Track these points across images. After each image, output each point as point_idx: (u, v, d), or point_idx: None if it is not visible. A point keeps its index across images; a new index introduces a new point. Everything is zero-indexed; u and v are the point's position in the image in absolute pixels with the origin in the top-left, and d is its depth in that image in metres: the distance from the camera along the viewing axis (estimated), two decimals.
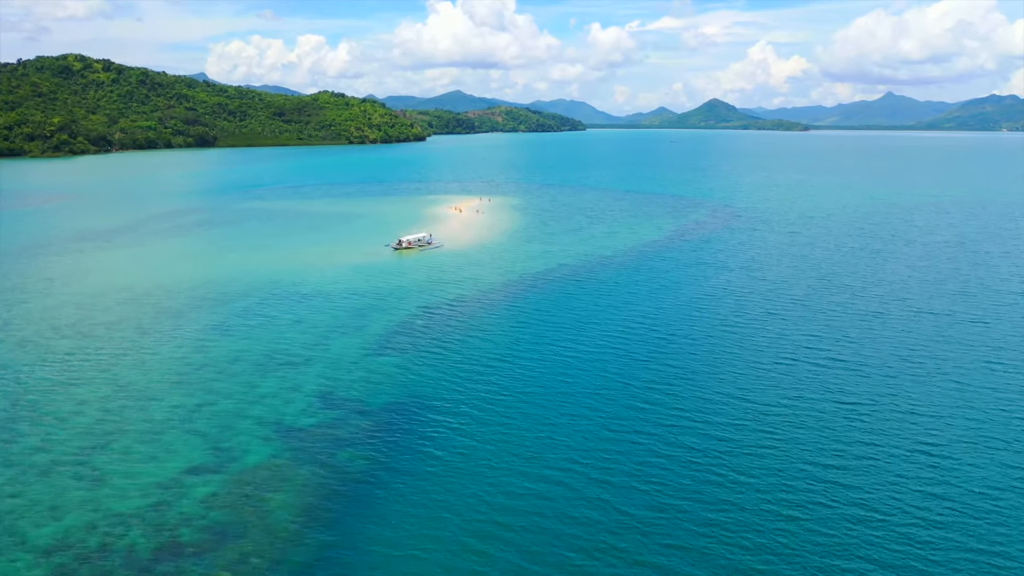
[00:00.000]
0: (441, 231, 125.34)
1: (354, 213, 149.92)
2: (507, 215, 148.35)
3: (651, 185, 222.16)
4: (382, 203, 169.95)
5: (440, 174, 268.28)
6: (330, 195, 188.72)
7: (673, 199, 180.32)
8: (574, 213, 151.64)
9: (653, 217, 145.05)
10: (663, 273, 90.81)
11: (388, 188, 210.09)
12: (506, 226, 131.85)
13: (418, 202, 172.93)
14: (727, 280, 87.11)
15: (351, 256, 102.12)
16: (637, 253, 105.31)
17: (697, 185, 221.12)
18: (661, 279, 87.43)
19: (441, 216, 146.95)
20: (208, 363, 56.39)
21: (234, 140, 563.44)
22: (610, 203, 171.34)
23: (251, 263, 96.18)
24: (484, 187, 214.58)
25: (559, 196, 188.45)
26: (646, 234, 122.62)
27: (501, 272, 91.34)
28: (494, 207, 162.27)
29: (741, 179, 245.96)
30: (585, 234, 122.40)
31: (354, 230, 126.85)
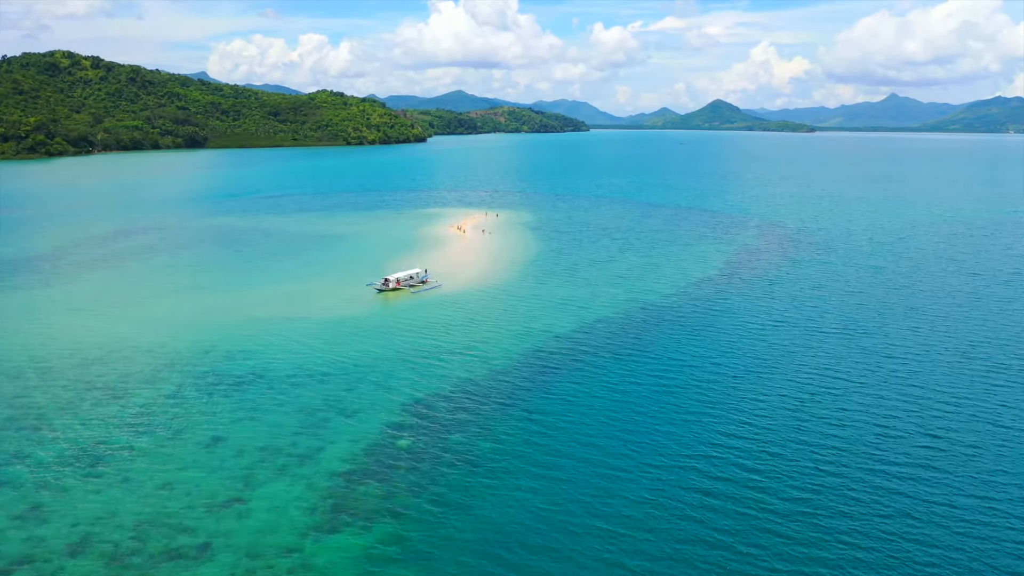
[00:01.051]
0: (439, 261, 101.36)
1: (335, 234, 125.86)
2: (517, 237, 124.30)
3: (676, 195, 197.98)
4: (371, 219, 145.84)
5: (439, 180, 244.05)
6: (312, 208, 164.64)
7: (708, 215, 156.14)
8: (597, 235, 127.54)
9: (693, 241, 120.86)
10: (734, 340, 66.60)
11: (380, 198, 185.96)
12: (517, 254, 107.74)
13: (413, 218, 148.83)
14: (826, 351, 62.94)
15: (320, 303, 78.12)
16: (689, 301, 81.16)
17: (727, 196, 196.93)
18: (734, 351, 63.27)
19: (440, 238, 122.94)
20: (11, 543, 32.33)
21: (225, 141, 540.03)
22: (635, 220, 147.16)
23: (182, 316, 72.12)
24: (488, 198, 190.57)
25: (574, 210, 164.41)
26: (692, 268, 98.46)
27: (517, 335, 67.24)
28: (501, 225, 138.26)
29: (772, 189, 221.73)
30: (616, 268, 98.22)
31: (330, 260, 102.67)
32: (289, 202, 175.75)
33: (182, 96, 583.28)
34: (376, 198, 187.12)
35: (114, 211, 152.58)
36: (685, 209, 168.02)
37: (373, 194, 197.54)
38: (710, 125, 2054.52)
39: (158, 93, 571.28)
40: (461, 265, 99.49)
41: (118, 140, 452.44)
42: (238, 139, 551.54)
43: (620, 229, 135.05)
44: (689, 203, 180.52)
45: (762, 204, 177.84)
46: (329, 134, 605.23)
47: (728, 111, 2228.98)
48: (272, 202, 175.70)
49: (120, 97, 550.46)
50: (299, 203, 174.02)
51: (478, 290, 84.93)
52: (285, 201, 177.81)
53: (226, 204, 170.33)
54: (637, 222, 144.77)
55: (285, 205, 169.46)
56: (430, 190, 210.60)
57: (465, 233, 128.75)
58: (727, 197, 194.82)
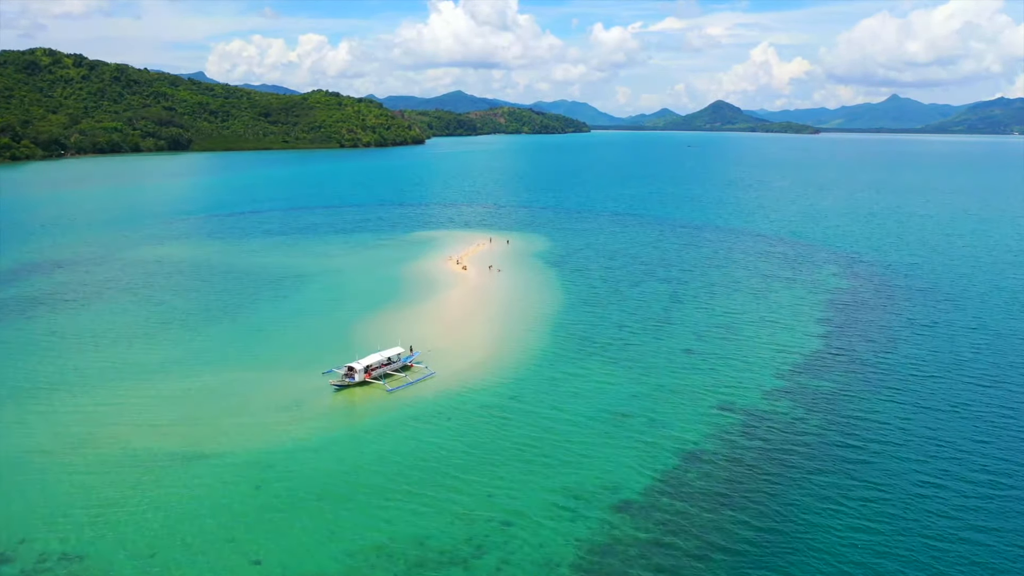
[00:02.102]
0: (432, 321, 73.64)
1: (299, 272, 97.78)
2: (534, 278, 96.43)
3: (707, 211, 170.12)
4: (349, 248, 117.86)
5: (435, 192, 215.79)
6: (281, 231, 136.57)
7: (759, 241, 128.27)
8: (633, 272, 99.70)
9: (762, 286, 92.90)
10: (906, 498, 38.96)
11: (365, 217, 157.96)
12: (538, 308, 79.86)
13: (401, 246, 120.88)
14: None
15: (241, 417, 50.26)
16: (807, 406, 53.58)
17: (769, 213, 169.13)
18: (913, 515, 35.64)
19: (434, 279, 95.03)
20: None
21: (211, 143, 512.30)
22: (674, 249, 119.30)
23: (16, 446, 44.21)
24: (492, 216, 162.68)
25: (595, 232, 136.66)
26: (784, 337, 70.64)
27: (561, 496, 39.51)
28: (511, 256, 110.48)
29: (815, 202, 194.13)
30: (678, 336, 70.38)
31: (280, 323, 74.57)
32: (255, 222, 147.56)
33: (169, 96, 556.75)
34: (360, 216, 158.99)
35: (27, 237, 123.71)
36: (726, 231, 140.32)
37: (357, 210, 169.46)
38: (712, 126, 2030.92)
39: (143, 93, 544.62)
40: (462, 330, 71.50)
41: (94, 143, 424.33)
42: (225, 141, 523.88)
43: (660, 262, 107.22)
44: (727, 222, 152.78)
45: (817, 224, 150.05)
46: (322, 136, 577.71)
47: (730, 112, 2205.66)
48: (234, 222, 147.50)
49: (102, 97, 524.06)
50: (266, 223, 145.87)
51: (488, 383, 57.07)
52: (250, 220, 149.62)
53: (177, 225, 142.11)
54: (677, 252, 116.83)
55: (249, 226, 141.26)
56: (424, 205, 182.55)
57: (467, 270, 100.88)
58: (770, 214, 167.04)
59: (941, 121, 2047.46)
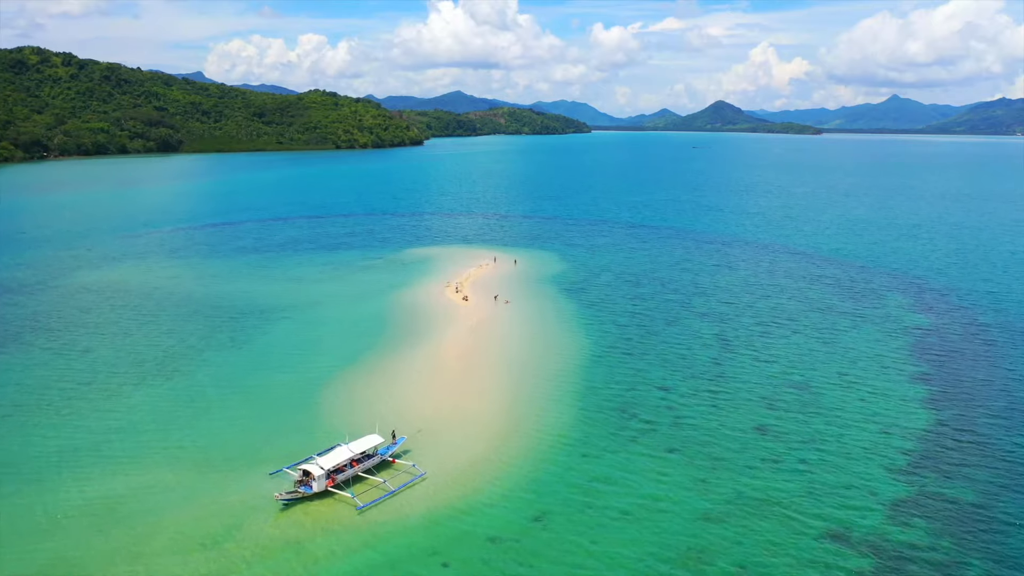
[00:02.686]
0: (426, 376, 57.44)
1: (265, 306, 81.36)
2: (549, 313, 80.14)
3: (731, 222, 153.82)
4: (329, 272, 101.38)
5: (432, 200, 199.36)
6: (254, 247, 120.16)
7: (805, 260, 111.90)
8: (669, 306, 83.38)
9: (824, 324, 76.64)
10: None
11: (350, 232, 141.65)
12: (556, 360, 63.58)
13: (391, 268, 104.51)
14: None
15: (147, 544, 34.04)
16: (941, 520, 37.48)
17: (800, 225, 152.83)
18: None
19: (429, 313, 78.75)
20: None
21: (202, 144, 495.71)
22: (710, 272, 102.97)
23: None
24: (496, 228, 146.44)
25: (614, 249, 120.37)
26: (877, 403, 54.59)
27: None
28: (520, 282, 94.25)
29: (846, 211, 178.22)
30: (743, 403, 54.23)
31: (227, 380, 58.19)
32: (228, 236, 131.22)
33: (161, 96, 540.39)
34: (347, 229, 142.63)
35: None
36: (759, 247, 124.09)
37: (345, 222, 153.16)
38: (712, 126, 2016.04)
39: (134, 93, 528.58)
40: (464, 396, 55.14)
41: (79, 144, 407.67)
42: (216, 142, 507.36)
43: (694, 289, 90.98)
44: (756, 235, 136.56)
45: (859, 239, 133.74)
46: (317, 137, 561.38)
47: (730, 112, 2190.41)
48: (206, 236, 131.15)
49: (91, 96, 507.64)
50: (241, 237, 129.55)
51: (500, 493, 40.76)
52: (224, 234, 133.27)
53: (139, 240, 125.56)
54: (711, 275, 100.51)
55: (220, 241, 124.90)
56: (419, 215, 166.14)
57: (468, 301, 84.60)
58: (801, 226, 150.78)
59: (942, 122, 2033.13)
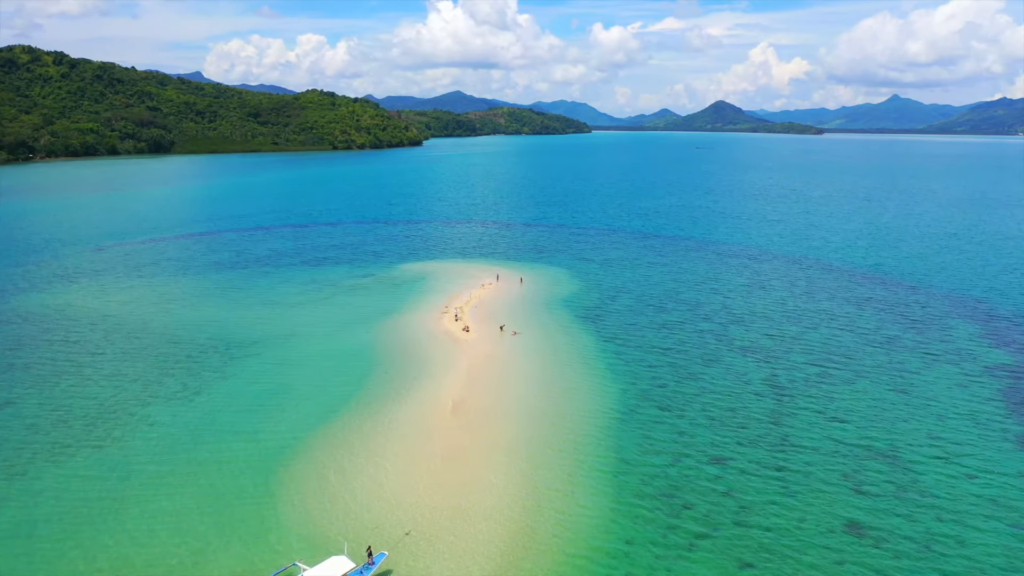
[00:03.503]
0: (418, 445, 45.44)
1: (228, 340, 69.35)
2: (564, 349, 68.21)
3: (759, 235, 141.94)
4: (308, 296, 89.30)
5: (429, 207, 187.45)
6: (226, 264, 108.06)
7: (844, 277, 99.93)
8: (704, 340, 71.49)
9: (896, 363, 64.82)
10: None
11: (339, 244, 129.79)
12: (579, 418, 51.70)
13: (380, 288, 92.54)
14: None
15: None
16: None
17: (828, 234, 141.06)
18: None
19: (424, 350, 66.86)
20: None
21: (195, 146, 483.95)
22: (741, 293, 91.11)
23: None
24: (496, 237, 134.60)
25: (630, 265, 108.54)
26: (993, 485, 42.75)
27: None
28: (528, 307, 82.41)
29: (876, 219, 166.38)
30: (823, 488, 42.35)
31: (162, 453, 46.19)
32: (204, 248, 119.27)
33: (154, 95, 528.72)
34: (336, 240, 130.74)
35: None
36: (787, 260, 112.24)
37: (334, 232, 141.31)
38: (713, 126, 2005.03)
39: (127, 92, 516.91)
40: (464, 478, 43.11)
41: (66, 145, 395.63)
42: (210, 143, 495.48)
43: (728, 316, 79.13)
44: (782, 247, 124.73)
45: (897, 252, 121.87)
46: (314, 137, 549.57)
47: (731, 112, 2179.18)
48: (179, 248, 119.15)
49: (82, 96, 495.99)
50: (217, 250, 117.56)
51: None
52: (200, 246, 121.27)
53: (104, 254, 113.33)
54: (744, 297, 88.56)
55: (194, 255, 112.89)
56: (415, 224, 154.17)
57: (470, 332, 72.72)
58: (828, 236, 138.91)
59: (943, 121, 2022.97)
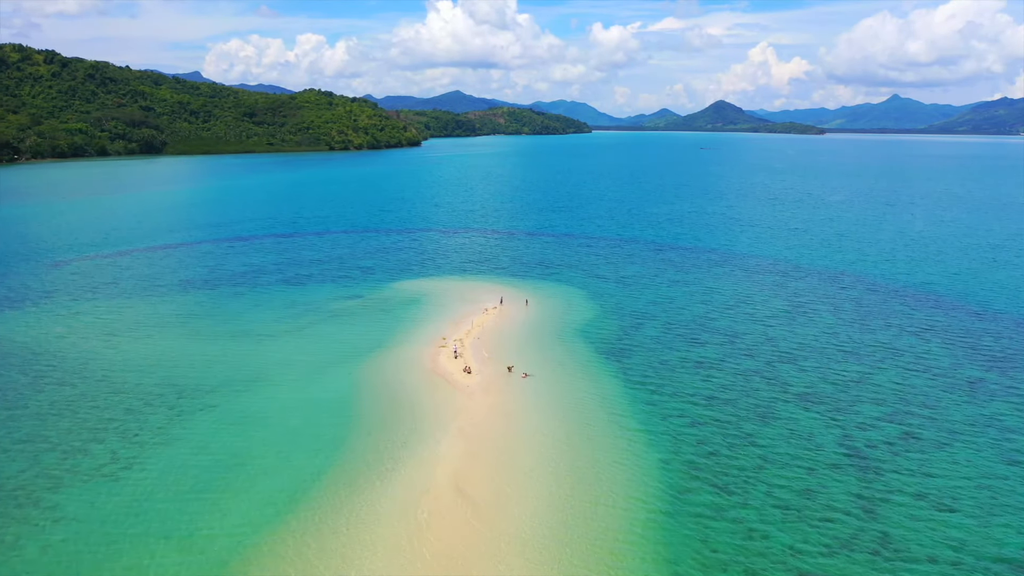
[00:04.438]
0: (395, 537, 33.29)
1: (183, 387, 57.38)
2: (585, 397, 56.27)
3: (785, 246, 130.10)
4: (283, 326, 77.20)
5: (425, 213, 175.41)
6: (195, 283, 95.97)
7: (892, 298, 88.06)
8: (752, 385, 59.58)
9: (989, 415, 52.79)
10: None
11: (324, 257, 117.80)
12: (606, 506, 39.86)
13: (368, 317, 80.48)
14: None
15: None
16: None
17: (861, 245, 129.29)
18: None
19: (416, 399, 54.96)
20: None
21: (189, 146, 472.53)
22: (783, 320, 79.20)
23: None
24: (498, 249, 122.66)
25: (650, 283, 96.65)
26: None
27: None
28: (539, 338, 70.53)
29: (907, 229, 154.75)
30: None
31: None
32: (172, 263, 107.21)
33: (148, 95, 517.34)
34: (322, 252, 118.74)
35: None
36: (822, 276, 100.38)
37: (321, 243, 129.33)
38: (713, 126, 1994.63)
39: (120, 92, 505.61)
40: None
41: (53, 146, 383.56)
42: (203, 144, 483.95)
43: (773, 350, 67.26)
44: (812, 260, 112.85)
45: (942, 268, 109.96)
46: (310, 138, 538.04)
47: (731, 112, 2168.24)
48: (145, 264, 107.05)
49: (73, 96, 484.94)
50: (187, 267, 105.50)
51: None
52: (168, 261, 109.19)
53: (50, 273, 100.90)
54: (787, 325, 76.62)
55: (160, 272, 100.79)
56: (409, 233, 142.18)
57: (471, 373, 60.88)
58: (863, 248, 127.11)
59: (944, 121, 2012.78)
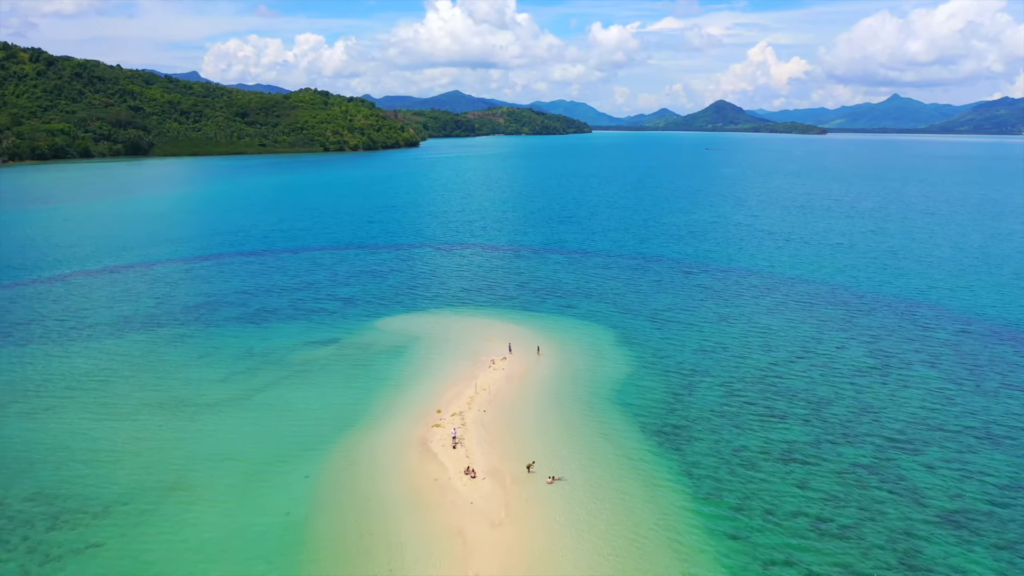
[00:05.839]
0: None
1: (60, 492, 40.74)
2: (633, 509, 39.36)
3: (831, 267, 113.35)
4: (229, 386, 60.02)
5: (417, 225, 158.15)
6: (126, 323, 78.78)
7: (997, 341, 71.55)
8: (881, 497, 42.71)
9: None
10: None
11: (296, 285, 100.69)
12: None
13: (339, 372, 63.38)
14: None
15: None
16: None
17: (927, 267, 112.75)
18: None
19: (395, 520, 38.22)
20: None
21: (177, 147, 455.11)
22: (876, 380, 62.33)
23: None
24: (502, 273, 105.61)
25: (693, 322, 79.84)
26: None
27: None
28: (559, 406, 53.75)
29: (965, 242, 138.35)
30: None
31: None
32: (112, 293, 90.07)
33: (137, 94, 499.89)
34: (293, 278, 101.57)
35: None
36: (906, 316, 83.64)
37: (296, 264, 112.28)
38: (714, 126, 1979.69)
39: (108, 91, 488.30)
40: None
41: (33, 148, 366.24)
42: (192, 145, 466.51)
43: (893, 437, 50.54)
44: (882, 290, 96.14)
45: (1017, 296, 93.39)
46: (304, 138, 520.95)
47: (732, 112, 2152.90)
48: (79, 293, 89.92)
49: (59, 95, 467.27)
50: (129, 298, 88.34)
51: None
52: (108, 289, 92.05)
53: None
54: (884, 385, 59.78)
55: (94, 304, 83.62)
56: (400, 249, 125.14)
57: (477, 479, 43.98)
58: (930, 273, 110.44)
59: (945, 121, 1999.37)
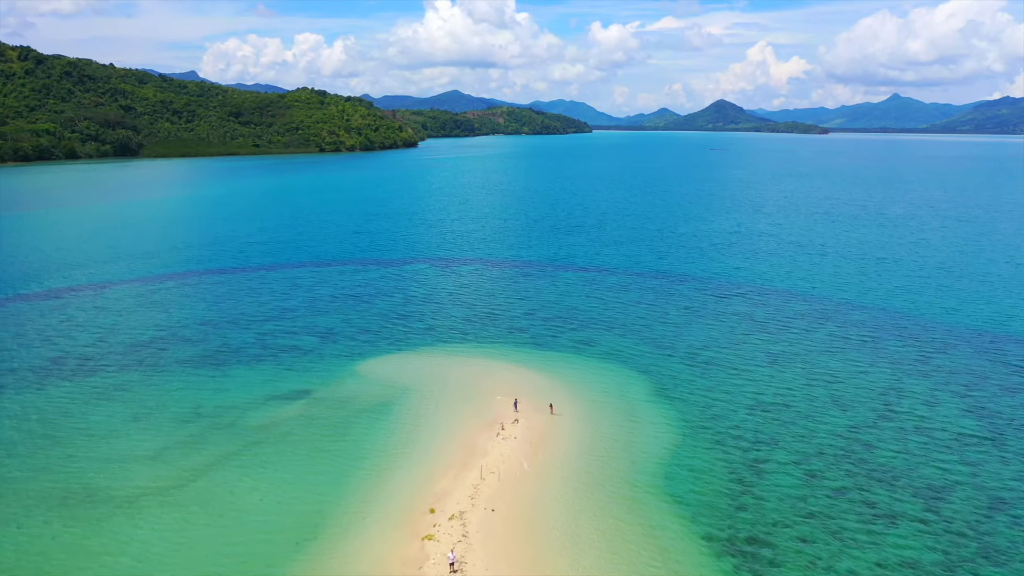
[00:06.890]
0: None
1: None
2: None
3: (889, 291, 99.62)
4: (159, 465, 45.83)
5: (409, 238, 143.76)
6: (49, 368, 64.70)
7: None
8: None
9: None
10: None
11: (264, 318, 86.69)
12: None
13: (306, 441, 49.54)
14: None
15: None
16: None
17: (988, 288, 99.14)
18: None
19: None
20: None
21: (167, 148, 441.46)
22: (1011, 467, 48.90)
23: None
24: (504, 300, 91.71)
25: (739, 365, 66.24)
26: None
27: None
28: (590, 510, 39.92)
29: (1014, 256, 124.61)
30: None
31: None
32: (46, 324, 75.88)
33: (128, 94, 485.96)
34: (266, 306, 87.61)
35: None
36: (988, 354, 70.10)
37: (271, 287, 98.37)
38: (714, 126, 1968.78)
39: (99, 90, 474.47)
40: None
41: (16, 149, 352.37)
42: (183, 145, 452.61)
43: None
44: (951, 319, 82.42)
45: None
46: (299, 139, 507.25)
47: (732, 111, 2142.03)
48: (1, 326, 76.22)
49: (48, 95, 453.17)
50: (63, 332, 74.06)
51: None
52: (40, 322, 77.78)
53: None
54: (1010, 460, 46.38)
55: (14, 343, 69.89)
56: (390, 266, 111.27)
57: None
58: (994, 296, 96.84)
59: (946, 121, 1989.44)
